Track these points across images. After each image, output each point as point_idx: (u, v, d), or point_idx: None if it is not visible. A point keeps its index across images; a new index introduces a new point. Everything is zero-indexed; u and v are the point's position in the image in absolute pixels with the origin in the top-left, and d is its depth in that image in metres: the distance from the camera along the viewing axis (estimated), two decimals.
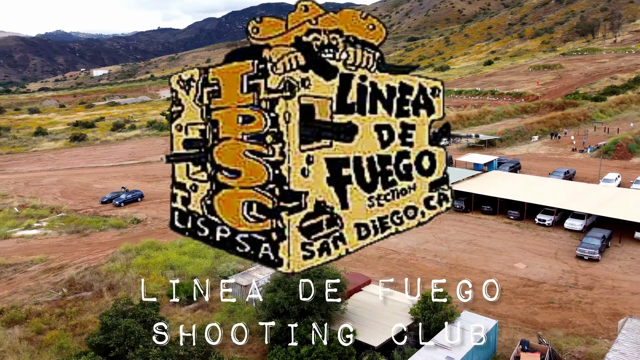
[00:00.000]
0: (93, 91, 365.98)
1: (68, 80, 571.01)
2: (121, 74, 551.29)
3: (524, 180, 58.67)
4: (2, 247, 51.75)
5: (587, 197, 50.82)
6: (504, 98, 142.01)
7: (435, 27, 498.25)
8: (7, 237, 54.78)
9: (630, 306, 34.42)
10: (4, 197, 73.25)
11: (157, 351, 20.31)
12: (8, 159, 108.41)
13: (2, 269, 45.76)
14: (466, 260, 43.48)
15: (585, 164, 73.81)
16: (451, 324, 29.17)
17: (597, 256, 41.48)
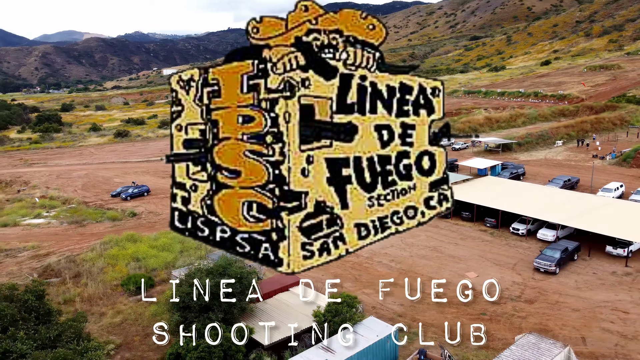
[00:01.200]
0: (158, 89, 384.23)
1: (141, 79, 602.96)
2: None
3: (514, 188, 56.53)
4: (7, 233, 56.65)
5: (570, 207, 48.30)
6: (546, 100, 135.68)
7: (501, 26, 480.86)
8: (15, 225, 59.77)
9: (563, 323, 32.86)
10: (33, 188, 79.58)
11: (23, 334, 22.19)
12: (55, 152, 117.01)
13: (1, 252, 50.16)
14: (419, 267, 42.88)
15: (600, 171, 69.60)
16: (347, 329, 29.31)
17: (553, 269, 39.64)
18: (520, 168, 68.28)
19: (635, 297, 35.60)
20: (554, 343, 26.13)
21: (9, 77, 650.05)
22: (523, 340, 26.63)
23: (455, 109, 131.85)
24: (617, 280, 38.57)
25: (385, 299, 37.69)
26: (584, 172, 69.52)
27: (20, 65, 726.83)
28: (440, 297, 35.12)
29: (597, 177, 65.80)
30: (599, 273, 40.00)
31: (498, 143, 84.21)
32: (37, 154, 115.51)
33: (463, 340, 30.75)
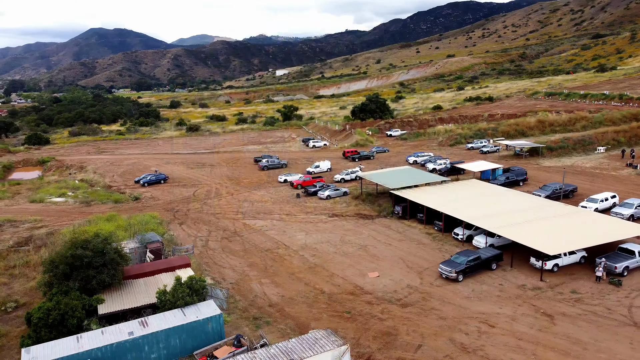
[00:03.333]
0: (263, 89, 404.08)
1: (256, 79, 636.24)
2: (298, 73, 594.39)
3: (485, 192, 52.93)
4: (28, 208, 65.50)
5: (519, 215, 44.51)
6: (631, 104, 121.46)
7: (634, 22, 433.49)
8: (41, 201, 68.73)
9: (415, 329, 31.32)
10: (85, 172, 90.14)
11: None
12: (129, 143, 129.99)
13: (7, 223, 58.53)
14: (332, 264, 42.67)
15: (624, 182, 62.10)
16: (176, 307, 31.02)
17: (454, 276, 37.38)
18: (520, 174, 63.30)
19: (517, 313, 32.57)
20: (336, 341, 25.51)
21: (145, 77, 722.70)
22: (310, 334, 26.34)
23: (522, 112, 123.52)
24: (517, 293, 35.34)
25: (272, 289, 38.49)
26: (599, 182, 62.61)
27: (156, 66, 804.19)
28: (319, 293, 35.84)
29: (612, 187, 59.06)
30: (505, 284, 36.87)
31: (525, 147, 78.21)
32: (115, 144, 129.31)
33: (303, 331, 31.20)
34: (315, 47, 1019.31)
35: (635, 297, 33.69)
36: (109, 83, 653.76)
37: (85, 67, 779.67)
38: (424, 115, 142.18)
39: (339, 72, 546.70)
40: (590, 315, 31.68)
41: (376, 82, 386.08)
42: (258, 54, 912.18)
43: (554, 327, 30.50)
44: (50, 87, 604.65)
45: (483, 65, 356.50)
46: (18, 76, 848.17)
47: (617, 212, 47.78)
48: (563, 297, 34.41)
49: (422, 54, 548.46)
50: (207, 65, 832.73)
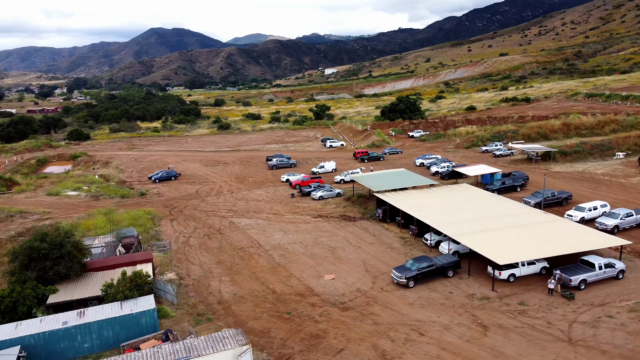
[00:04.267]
0: (308, 88, 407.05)
1: (305, 77, 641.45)
2: (347, 72, 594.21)
3: (468, 197, 51.66)
4: (43, 200, 69.70)
5: (491, 222, 43.36)
6: None
7: None
8: (56, 194, 72.89)
9: (344, 333, 31.39)
10: (107, 168, 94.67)
11: None
12: (161, 140, 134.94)
13: (19, 214, 62.61)
14: (295, 264, 43.17)
15: (630, 190, 58.91)
16: (115, 301, 32.55)
17: (404, 282, 37.05)
18: (518, 179, 61.25)
19: (453, 322, 31.95)
20: (240, 341, 26.08)
21: (198, 76, 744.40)
22: (220, 333, 27.05)
23: (555, 114, 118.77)
24: (462, 303, 34.59)
25: (228, 287, 39.51)
26: (602, 189, 59.68)
27: (209, 65, 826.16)
28: (270, 293, 36.56)
29: (614, 196, 56.27)
30: (454, 293, 36.15)
31: (537, 151, 75.45)
32: (147, 140, 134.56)
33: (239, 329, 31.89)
34: (366, 46, 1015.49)
35: (583, 312, 32.26)
36: (165, 81, 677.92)
37: (143, 65, 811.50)
38: (455, 116, 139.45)
39: (387, 70, 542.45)
40: (527, 328, 30.65)
41: (422, 81, 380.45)
42: (309, 53, 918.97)
43: (484, 339, 29.77)
44: (109, 85, 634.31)
45: (534, 65, 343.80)
46: (83, 74, 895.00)
47: (601, 222, 45.53)
48: (508, 308, 33.42)
49: (474, 53, 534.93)
50: (259, 64, 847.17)
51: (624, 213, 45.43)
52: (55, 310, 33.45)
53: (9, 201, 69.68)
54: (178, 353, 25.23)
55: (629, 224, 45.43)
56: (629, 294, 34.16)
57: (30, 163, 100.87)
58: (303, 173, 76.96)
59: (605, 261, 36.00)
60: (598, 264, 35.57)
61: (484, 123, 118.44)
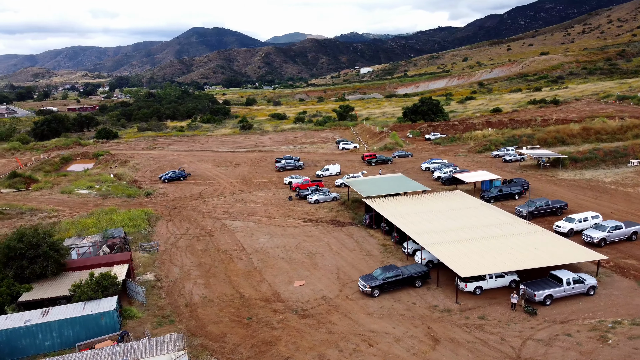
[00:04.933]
0: (340, 88, 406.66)
1: (341, 77, 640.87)
2: (382, 71, 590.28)
3: (456, 205, 50.74)
4: (54, 198, 72.63)
5: (467, 232, 42.64)
6: None
7: None
8: (69, 193, 75.80)
9: (295, 341, 31.63)
10: (124, 166, 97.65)
11: None
12: (183, 139, 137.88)
13: (29, 211, 65.52)
14: (271, 269, 43.64)
15: (633, 201, 56.59)
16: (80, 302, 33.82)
17: (368, 291, 36.95)
18: (517, 187, 59.75)
19: (407, 334, 31.68)
20: (177, 346, 26.73)
21: (236, 75, 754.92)
22: (162, 337, 27.79)
23: (581, 116, 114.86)
24: (423, 314, 34.22)
25: (201, 290, 40.34)
26: (605, 199, 57.54)
27: (247, 64, 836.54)
28: (238, 297, 36.96)
29: (615, 206, 54.26)
30: (417, 304, 35.79)
31: (545, 157, 73.33)
32: (171, 140, 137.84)
33: (198, 332, 32.74)
34: (404, 45, 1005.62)
35: (542, 329, 31.38)
36: (203, 80, 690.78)
37: (183, 64, 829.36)
38: (478, 118, 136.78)
39: (422, 70, 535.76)
40: (479, 344, 30.10)
41: (457, 81, 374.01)
42: (346, 52, 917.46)
43: (431, 353, 29.43)
44: (150, 83, 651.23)
45: (574, 64, 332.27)
46: (126, 73, 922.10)
47: (588, 235, 43.99)
48: (466, 322, 32.86)
49: (513, 52, 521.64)
50: (296, 63, 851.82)
51: (612, 226, 43.74)
52: (27, 308, 35.04)
53: (24, 198, 72.90)
54: (116, 356, 26.11)
55: (617, 237, 43.73)
56: (595, 312, 33.00)
57: (54, 161, 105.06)
58: (307, 176, 77.27)
59: (575, 276, 34.86)
60: (566, 279, 34.49)
61: (505, 126, 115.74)
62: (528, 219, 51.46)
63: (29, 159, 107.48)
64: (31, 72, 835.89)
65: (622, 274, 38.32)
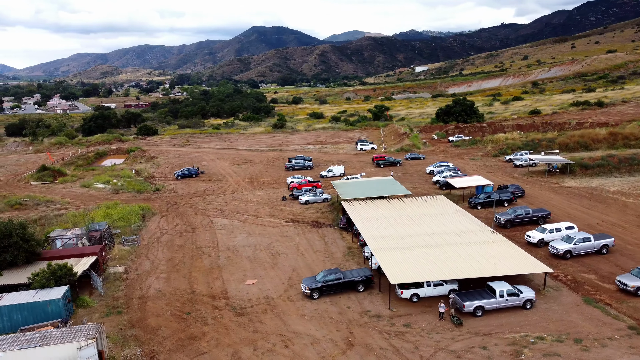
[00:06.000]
0: (390, 86, 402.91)
1: (395, 75, 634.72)
2: (437, 70, 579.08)
3: (429, 211, 50.04)
4: (73, 191, 77.50)
5: (427, 239, 42.21)
6: None
7: None
8: (88, 187, 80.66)
9: (217, 337, 32.82)
10: (148, 162, 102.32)
11: None
12: (215, 137, 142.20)
13: (45, 202, 70.35)
14: (232, 267, 45.03)
15: (628, 213, 53.55)
16: (33, 290, 36.58)
17: (308, 293, 37.58)
18: (506, 194, 57.96)
19: (326, 337, 32.06)
20: (88, 335, 28.53)
21: (292, 73, 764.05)
22: (79, 326, 29.77)
23: (620, 120, 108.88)
24: (352, 319, 34.40)
25: (160, 284, 42.38)
26: (599, 209, 54.77)
27: (303, 62, 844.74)
28: (189, 292, 38.71)
29: (607, 217, 51.73)
30: (352, 308, 35.99)
31: (555, 163, 70.47)
32: (204, 137, 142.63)
33: (137, 324, 34.85)
34: (464, 42, 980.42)
35: (460, 340, 30.88)
36: (260, 78, 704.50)
37: (241, 62, 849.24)
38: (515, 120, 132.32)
39: (479, 69, 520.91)
40: (390, 351, 30.09)
41: (511, 80, 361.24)
42: (403, 50, 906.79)
43: (339, 357, 29.77)
44: (209, 81, 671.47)
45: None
46: (189, 71, 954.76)
47: (553, 247, 42.36)
48: (390, 328, 32.83)
49: (578, 50, 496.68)
50: (352, 62, 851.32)
51: (580, 238, 41.85)
52: None
53: (47, 190, 78.29)
54: (33, 341, 28.30)
55: (585, 250, 41.83)
56: (523, 326, 32.03)
57: (88, 156, 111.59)
58: (312, 176, 78.17)
59: (510, 289, 33.91)
60: (500, 291, 33.63)
61: (536, 129, 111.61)
62: (507, 227, 50.21)
63: (66, 154, 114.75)
64: (101, 69, 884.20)
65: (573, 289, 36.78)
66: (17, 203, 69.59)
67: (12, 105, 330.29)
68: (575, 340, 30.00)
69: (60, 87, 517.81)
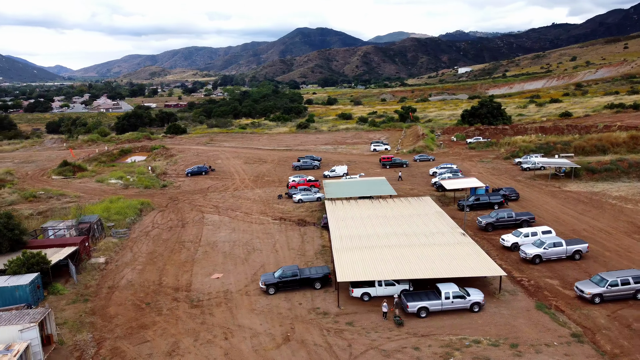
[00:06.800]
0: (428, 87, 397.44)
1: (437, 77, 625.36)
2: (481, 72, 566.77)
3: (408, 212, 49.61)
4: (87, 186, 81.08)
5: (394, 240, 41.97)
6: None
7: None
8: (102, 182, 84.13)
9: (164, 327, 33.85)
10: (168, 160, 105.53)
11: None
12: (239, 137, 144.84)
13: (57, 196, 73.93)
14: (206, 261, 46.14)
15: (619, 219, 51.28)
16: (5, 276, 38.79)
17: (264, 288, 38.17)
18: (496, 196, 56.60)
19: (266, 332, 32.47)
20: (32, 319, 30.10)
21: (334, 74, 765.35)
22: (28, 310, 31.47)
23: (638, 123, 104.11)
24: (298, 314, 34.66)
25: (134, 275, 43.98)
26: (591, 214, 52.69)
27: (345, 63, 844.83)
28: (156, 284, 40.11)
29: (596, 223, 49.85)
30: (303, 304, 36.26)
31: (561, 167, 68.19)
32: (229, 136, 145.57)
33: (98, 312, 36.59)
34: (512, 43, 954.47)
35: (395, 340, 30.63)
36: (302, 79, 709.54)
37: (284, 64, 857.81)
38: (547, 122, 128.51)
39: (524, 70, 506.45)
40: (323, 348, 30.23)
41: (555, 82, 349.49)
42: (448, 51, 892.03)
43: (272, 352, 30.16)
44: (252, 82, 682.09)
45: None
46: (234, 72, 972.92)
47: (523, 250, 41.19)
48: (332, 326, 32.91)
49: (631, 50, 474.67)
50: (395, 63, 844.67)
51: (550, 242, 40.51)
52: None
53: (64, 185, 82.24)
54: None
55: (555, 255, 40.47)
56: (465, 329, 31.46)
57: (113, 153, 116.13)
58: (315, 176, 78.68)
59: (456, 291, 33.33)
60: (445, 293, 33.13)
61: (561, 132, 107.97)
62: (489, 230, 49.24)
63: (93, 151, 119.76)
64: (149, 70, 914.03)
65: (530, 294, 35.73)
66: (32, 196, 73.41)
67: (62, 104, 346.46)
68: (512, 345, 29.26)
69: (109, 87, 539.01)
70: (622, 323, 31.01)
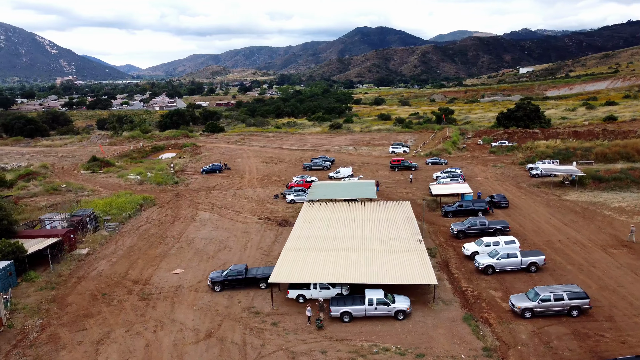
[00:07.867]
0: (483, 88, 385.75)
1: (497, 77, 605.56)
2: (543, 72, 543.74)
3: (381, 216, 49.24)
4: (108, 181, 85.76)
5: (349, 243, 42.09)
6: None
7: None
8: (121, 177, 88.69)
9: (105, 318, 35.86)
10: (194, 157, 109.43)
11: None
12: (272, 136, 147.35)
13: (76, 189, 78.87)
14: (176, 256, 48.05)
15: (604, 231, 48.52)
16: None
17: (210, 285, 39.55)
18: (480, 203, 54.99)
19: (194, 327, 33.68)
20: None
21: (391, 74, 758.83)
22: None
23: None
24: (232, 312, 35.60)
25: (109, 267, 46.57)
26: (575, 225, 50.14)
27: (403, 62, 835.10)
28: (121, 276, 42.23)
29: (577, 235, 47.63)
30: (242, 303, 37.17)
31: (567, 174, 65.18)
32: (261, 135, 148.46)
33: (58, 300, 39.40)
34: (582, 42, 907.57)
35: (308, 343, 30.89)
36: (358, 78, 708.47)
37: (341, 63, 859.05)
38: (588, 127, 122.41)
39: (590, 70, 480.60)
40: (238, 346, 31.04)
41: (620, 82, 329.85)
42: (511, 50, 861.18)
43: (189, 347, 31.29)
44: (308, 81, 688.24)
45: None
46: (292, 71, 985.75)
47: (476, 260, 40.06)
48: (257, 325, 33.62)
49: None
50: (454, 62, 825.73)
51: (504, 253, 39.20)
52: None
53: (87, 179, 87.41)
54: None
55: (509, 266, 39.11)
56: (380, 336, 31.27)
57: (145, 149, 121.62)
58: (315, 177, 79.34)
59: (380, 298, 33.13)
60: (369, 299, 33.04)
61: (596, 137, 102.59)
62: (460, 238, 48.26)
63: (127, 147, 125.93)
64: (211, 69, 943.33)
65: (465, 305, 34.85)
66: (53, 189, 78.68)
67: (122, 102, 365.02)
68: (418, 355, 28.89)
69: (170, 86, 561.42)
70: (543, 340, 29.78)
